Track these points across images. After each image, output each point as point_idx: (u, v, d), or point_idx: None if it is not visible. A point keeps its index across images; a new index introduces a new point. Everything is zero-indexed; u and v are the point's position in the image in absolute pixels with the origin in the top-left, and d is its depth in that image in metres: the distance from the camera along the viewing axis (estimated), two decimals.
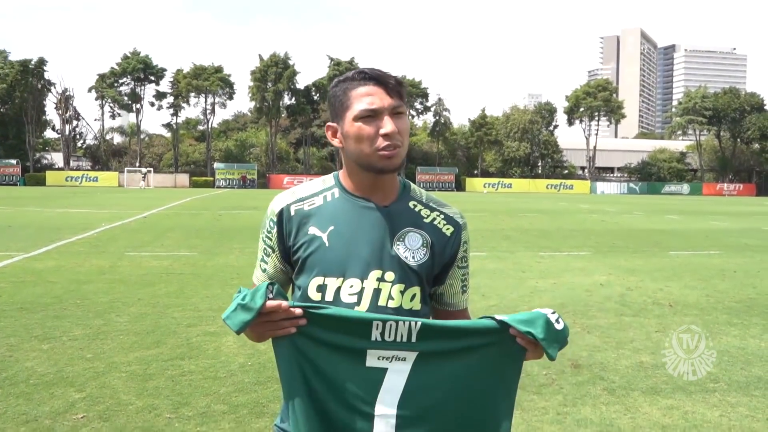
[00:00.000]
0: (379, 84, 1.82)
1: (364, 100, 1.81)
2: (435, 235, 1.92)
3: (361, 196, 1.91)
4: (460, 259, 1.97)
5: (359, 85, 1.83)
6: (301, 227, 1.89)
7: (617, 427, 4.60)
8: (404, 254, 1.86)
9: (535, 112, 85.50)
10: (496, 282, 10.43)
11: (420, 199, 1.99)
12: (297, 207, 1.92)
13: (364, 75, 1.83)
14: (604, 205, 39.89)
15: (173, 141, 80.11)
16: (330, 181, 1.98)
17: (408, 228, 1.90)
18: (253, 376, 5.55)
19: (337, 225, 1.87)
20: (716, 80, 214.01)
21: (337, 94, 1.87)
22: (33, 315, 7.61)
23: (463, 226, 1.99)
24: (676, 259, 13.91)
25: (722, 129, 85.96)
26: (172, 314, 7.79)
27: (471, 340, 1.71)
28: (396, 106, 1.82)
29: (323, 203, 1.92)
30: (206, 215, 25.10)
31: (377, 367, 1.68)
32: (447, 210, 2.00)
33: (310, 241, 1.86)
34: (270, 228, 1.93)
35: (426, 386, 1.69)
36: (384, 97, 1.81)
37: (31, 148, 72.86)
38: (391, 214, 1.90)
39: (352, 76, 1.86)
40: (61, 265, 11.47)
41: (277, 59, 76.85)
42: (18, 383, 5.27)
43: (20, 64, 72.50)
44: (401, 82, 1.86)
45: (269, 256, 1.95)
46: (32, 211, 26.03)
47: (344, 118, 1.85)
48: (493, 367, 1.72)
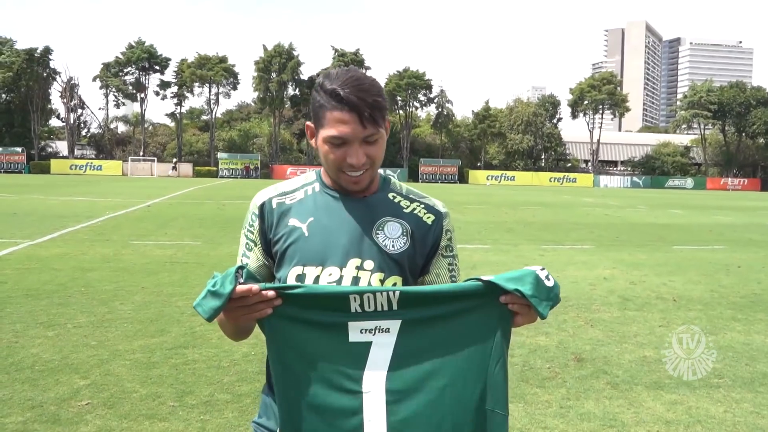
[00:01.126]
0: (353, 110, 1.75)
1: (335, 126, 1.77)
2: (415, 224, 1.92)
3: (341, 191, 1.92)
4: (444, 248, 1.95)
5: (334, 108, 1.77)
6: (281, 219, 1.90)
7: (620, 421, 4.61)
8: (383, 242, 1.86)
9: (539, 104, 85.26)
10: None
11: (399, 191, 1.99)
12: (279, 200, 1.93)
13: (340, 98, 1.75)
14: (607, 199, 39.85)
15: (177, 130, 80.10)
16: (312, 177, 2.00)
17: (387, 217, 1.90)
18: (257, 365, 5.56)
19: (317, 216, 1.88)
20: (722, 74, 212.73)
21: (315, 103, 1.84)
22: (38, 302, 7.64)
23: (445, 215, 1.97)
24: (680, 253, 13.90)
25: (727, 123, 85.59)
26: (176, 303, 7.81)
27: (456, 305, 1.66)
28: (369, 135, 1.79)
29: (304, 197, 1.94)
30: (210, 205, 25.12)
31: (361, 341, 1.65)
32: (427, 201, 1.99)
33: (290, 233, 1.87)
34: (252, 221, 1.94)
35: (413, 357, 1.65)
36: (356, 126, 1.77)
37: (36, 137, 72.83)
38: (371, 205, 1.91)
39: (330, 91, 1.77)
40: (66, 252, 11.49)
41: (281, 49, 76.72)
42: (24, 369, 5.30)
43: (26, 53, 72.38)
44: (380, 106, 1.80)
45: (251, 251, 1.95)
46: (37, 198, 26.05)
47: (318, 132, 1.84)
48: (482, 332, 1.66)
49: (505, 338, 1.68)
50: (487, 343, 1.67)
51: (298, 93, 78.54)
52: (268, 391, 1.92)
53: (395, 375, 1.64)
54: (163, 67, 78.79)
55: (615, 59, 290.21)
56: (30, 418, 4.32)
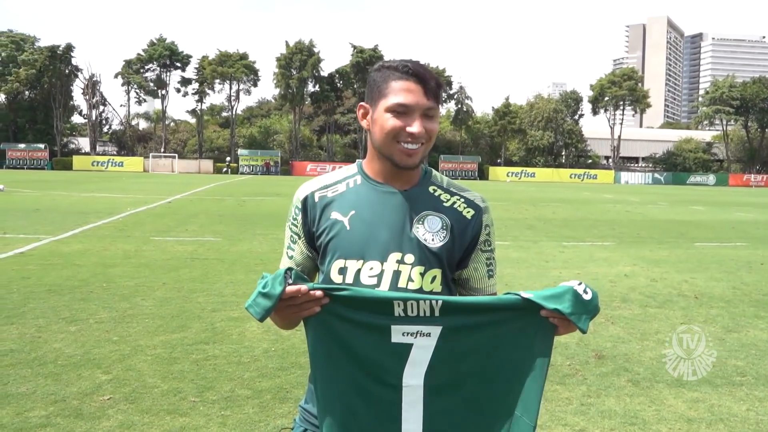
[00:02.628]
0: (419, 82, 1.83)
1: (400, 93, 1.83)
2: (455, 218, 1.93)
3: (382, 182, 1.94)
4: (482, 243, 1.96)
5: (400, 78, 1.84)
6: (324, 213, 1.93)
7: (642, 419, 4.58)
8: (423, 236, 1.87)
9: (560, 101, 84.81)
10: (519, 271, 10.40)
11: (440, 184, 2.00)
12: (321, 194, 1.96)
13: (407, 69, 1.84)
14: (628, 195, 39.58)
15: (198, 127, 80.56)
16: (353, 169, 2.02)
17: (427, 211, 1.91)
18: (277, 361, 5.58)
19: (359, 209, 1.90)
20: (744, 69, 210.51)
21: (377, 79, 1.89)
22: (61, 297, 7.72)
23: (485, 210, 1.98)
24: (702, 250, 13.77)
25: (750, 119, 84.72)
26: (197, 299, 7.86)
27: (495, 316, 1.70)
28: (430, 108, 1.85)
29: (345, 189, 1.96)
30: (230, 201, 25.23)
31: (402, 342, 1.69)
32: (468, 194, 2.00)
33: (331, 226, 1.90)
34: (295, 215, 1.97)
35: (452, 359, 1.70)
36: (420, 96, 1.83)
37: (58, 133, 73.50)
38: (411, 198, 1.92)
39: (396, 66, 1.86)
40: (88, 248, 11.59)
41: (302, 46, 76.91)
42: (47, 363, 5.35)
43: (48, 50, 73.11)
44: (441, 85, 1.89)
45: (296, 243, 1.98)
46: (59, 195, 26.31)
47: (377, 104, 1.87)
48: (520, 342, 1.70)
49: (544, 349, 1.71)
50: (525, 353, 1.71)
51: (318, 89, 78.67)
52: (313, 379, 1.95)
53: (433, 373, 1.70)
54: (184, 64, 79.33)
55: (636, 55, 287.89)
56: (53, 413, 4.36)
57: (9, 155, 67.19)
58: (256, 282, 1.66)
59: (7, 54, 73.58)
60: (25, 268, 9.52)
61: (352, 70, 76.99)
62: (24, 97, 74.87)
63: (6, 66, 73.00)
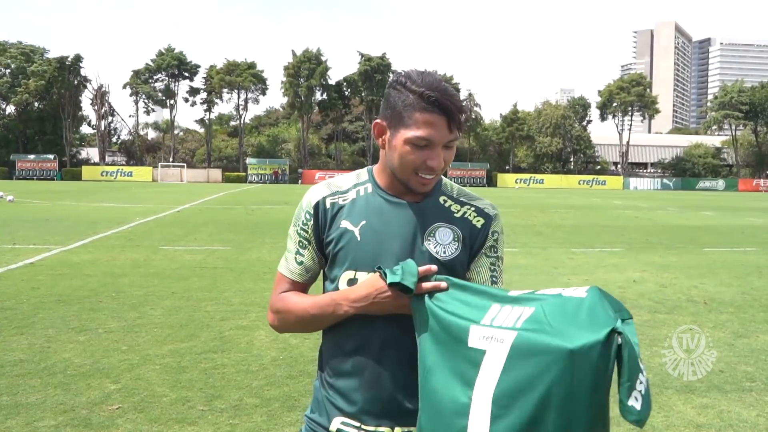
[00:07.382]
0: (444, 113, 1.74)
1: (423, 127, 1.75)
2: (466, 229, 1.90)
3: (394, 194, 1.91)
4: (488, 248, 1.92)
5: (424, 110, 1.74)
6: (334, 220, 1.90)
7: (651, 425, 4.56)
8: (435, 249, 1.85)
9: (568, 107, 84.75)
10: (527, 278, 10.38)
11: (450, 194, 1.97)
12: (332, 200, 1.92)
13: (432, 101, 1.73)
14: (637, 201, 39.44)
15: (206, 136, 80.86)
16: (364, 176, 1.98)
17: (438, 223, 1.89)
18: (285, 370, 5.59)
19: (369, 220, 1.87)
20: (753, 74, 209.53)
21: (397, 101, 1.79)
22: (70, 307, 7.75)
23: (494, 217, 1.95)
24: (711, 255, 13.72)
25: (759, 123, 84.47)
26: (206, 308, 7.87)
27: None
28: (451, 140, 1.80)
29: (356, 197, 1.92)
30: (238, 210, 25.28)
31: (477, 348, 1.62)
32: (478, 203, 1.97)
33: (342, 235, 1.87)
34: (306, 220, 1.93)
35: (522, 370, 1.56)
36: (443, 130, 1.76)
37: (67, 144, 73.93)
38: (422, 211, 1.89)
39: (420, 92, 1.73)
40: (97, 258, 11.64)
41: (310, 55, 77.19)
42: (56, 374, 5.37)
43: (57, 61, 73.60)
44: (466, 113, 1.81)
45: (305, 248, 1.95)
46: (69, 205, 26.43)
47: (397, 131, 1.80)
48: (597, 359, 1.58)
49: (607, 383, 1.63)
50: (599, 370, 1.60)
51: (326, 97, 78.90)
52: (320, 387, 1.94)
53: (502, 385, 1.59)
54: (192, 73, 79.76)
55: (644, 60, 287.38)
56: (62, 422, 4.38)
57: (19, 166, 67.62)
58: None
59: (17, 65, 74.10)
60: (35, 278, 9.57)
61: (360, 77, 77.19)
62: (33, 108, 75.39)
63: (16, 77, 73.58)
